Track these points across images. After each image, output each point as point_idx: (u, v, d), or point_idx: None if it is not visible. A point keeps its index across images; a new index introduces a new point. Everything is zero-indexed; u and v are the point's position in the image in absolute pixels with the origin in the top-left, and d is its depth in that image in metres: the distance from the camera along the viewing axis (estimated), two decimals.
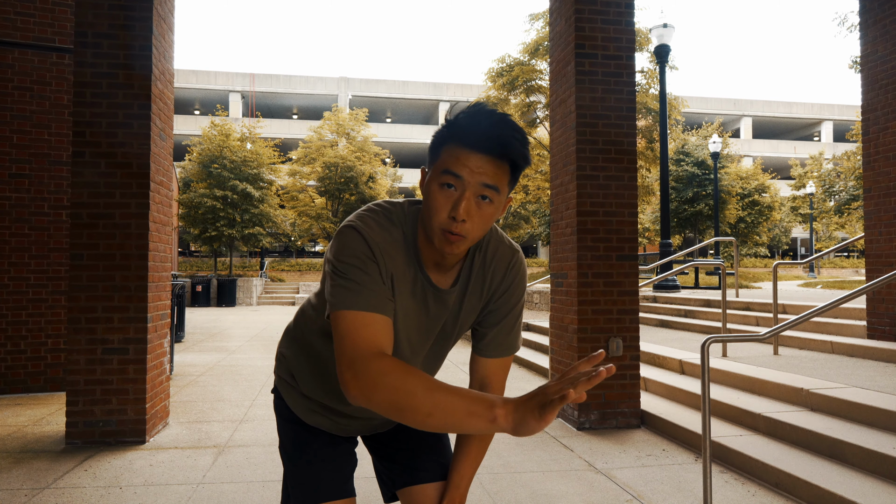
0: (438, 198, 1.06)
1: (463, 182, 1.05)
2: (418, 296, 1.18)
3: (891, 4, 5.28)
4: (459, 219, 1.04)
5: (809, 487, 2.76)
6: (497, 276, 1.25)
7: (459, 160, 1.05)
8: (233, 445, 3.80)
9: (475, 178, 1.05)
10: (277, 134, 34.69)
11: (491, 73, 16.71)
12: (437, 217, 1.06)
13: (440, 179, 1.06)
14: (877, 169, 5.42)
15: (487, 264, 1.24)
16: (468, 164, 1.04)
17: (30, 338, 5.33)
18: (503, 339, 1.29)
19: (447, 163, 1.06)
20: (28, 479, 3.14)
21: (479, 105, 1.09)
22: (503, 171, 1.07)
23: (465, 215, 1.05)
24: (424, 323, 1.22)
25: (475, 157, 1.04)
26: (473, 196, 1.05)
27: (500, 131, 1.05)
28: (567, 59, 4.39)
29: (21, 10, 5.35)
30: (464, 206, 1.04)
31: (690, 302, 8.57)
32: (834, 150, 37.94)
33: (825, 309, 3.51)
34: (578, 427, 4.18)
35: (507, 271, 1.25)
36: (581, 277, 4.21)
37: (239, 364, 7.09)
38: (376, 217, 1.14)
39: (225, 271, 25.29)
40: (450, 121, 1.09)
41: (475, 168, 1.04)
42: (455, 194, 1.05)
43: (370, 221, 1.13)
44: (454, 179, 1.05)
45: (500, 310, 1.27)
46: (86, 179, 3.78)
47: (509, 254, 1.26)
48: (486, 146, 1.04)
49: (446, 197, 1.06)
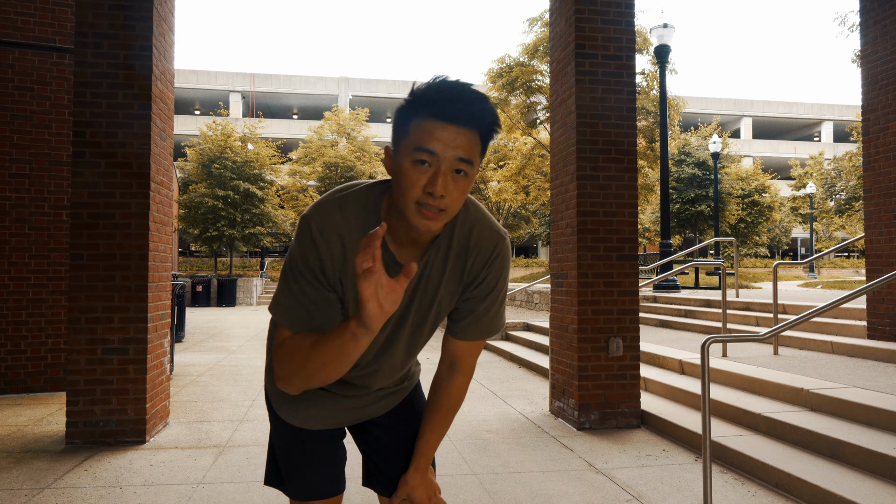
0: (412, 174, 1.03)
1: (438, 158, 1.02)
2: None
3: (891, 4, 5.28)
4: (438, 195, 1.02)
5: (809, 487, 2.76)
6: (479, 261, 1.22)
7: (433, 135, 1.02)
8: (233, 445, 3.80)
9: (450, 153, 1.02)
10: (278, 134, 34.70)
11: (491, 73, 16.71)
12: (411, 192, 1.04)
13: (413, 156, 1.03)
14: (877, 169, 5.42)
15: (471, 248, 1.21)
16: (442, 139, 1.02)
17: (30, 338, 5.33)
18: (481, 324, 1.28)
19: (420, 139, 1.03)
20: (28, 479, 3.14)
21: (443, 77, 1.06)
22: (475, 142, 1.05)
23: (443, 190, 1.02)
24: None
25: (449, 131, 1.02)
26: (449, 171, 1.03)
27: (470, 102, 1.03)
28: (567, 60, 4.40)
29: (21, 10, 5.35)
30: (441, 182, 1.02)
31: (690, 302, 8.57)
32: (834, 150, 37.95)
33: (825, 309, 3.51)
34: (578, 427, 4.18)
35: (490, 258, 1.23)
36: (581, 277, 4.21)
37: (239, 364, 7.10)
38: (332, 202, 1.15)
39: (225, 271, 25.30)
40: (415, 93, 1.06)
41: (449, 142, 1.02)
42: (430, 170, 1.03)
43: (324, 208, 1.13)
44: (428, 156, 1.02)
45: (479, 296, 1.25)
46: (86, 179, 3.78)
47: (494, 240, 1.23)
48: (459, 119, 1.02)
49: (420, 173, 1.03)
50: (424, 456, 1.38)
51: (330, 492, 1.39)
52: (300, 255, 1.12)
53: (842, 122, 42.78)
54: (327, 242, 1.12)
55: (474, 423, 4.37)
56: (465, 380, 1.35)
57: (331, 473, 1.40)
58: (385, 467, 1.44)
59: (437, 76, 1.06)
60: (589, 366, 4.19)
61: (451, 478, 3.22)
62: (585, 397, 4.18)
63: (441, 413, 1.36)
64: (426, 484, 1.39)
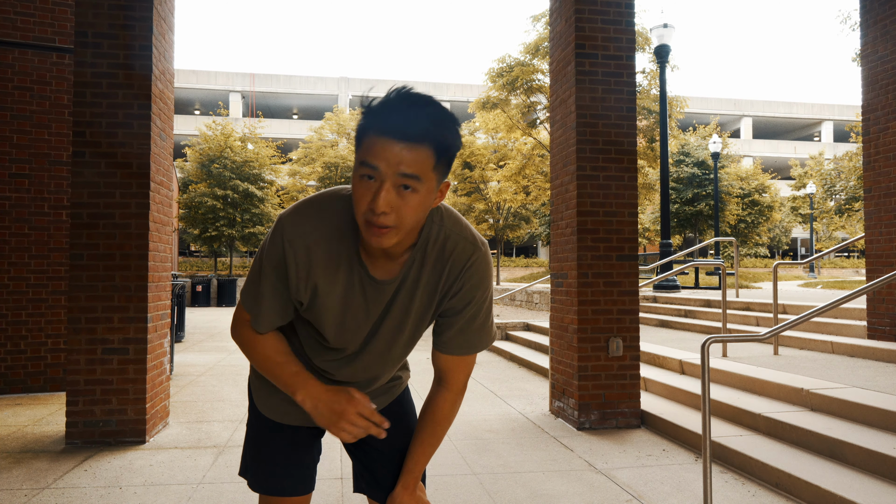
0: (359, 189, 1.04)
1: (380, 173, 1.01)
2: (356, 285, 1.19)
3: (891, 4, 5.28)
4: (379, 210, 1.01)
5: (809, 487, 2.76)
6: (454, 271, 1.21)
7: (374, 150, 1.01)
8: (233, 445, 3.80)
9: (391, 169, 1.01)
10: (278, 134, 34.69)
11: (491, 73, 16.69)
12: (359, 208, 1.04)
13: (359, 171, 1.03)
14: (877, 169, 5.42)
15: (445, 259, 1.20)
16: (383, 154, 1.00)
17: (30, 338, 5.33)
18: (465, 337, 1.26)
19: (364, 153, 1.02)
20: (28, 479, 3.14)
21: (395, 89, 1.04)
22: (423, 156, 1.01)
23: (385, 207, 1.01)
24: (362, 310, 1.22)
25: (390, 146, 1.00)
26: (393, 186, 1.02)
27: (414, 116, 1.00)
28: (567, 59, 4.39)
29: (21, 9, 5.35)
30: (382, 198, 1.01)
31: (690, 302, 8.57)
32: (834, 150, 37.94)
33: (825, 309, 3.51)
34: (578, 427, 4.18)
35: (464, 269, 1.21)
36: (581, 277, 4.21)
37: (239, 364, 7.09)
38: (306, 211, 1.16)
39: (225, 271, 25.29)
40: (365, 106, 1.05)
41: (391, 158, 1.00)
42: (374, 185, 1.02)
43: (298, 217, 1.15)
44: (371, 171, 1.02)
45: (457, 307, 1.23)
46: (86, 179, 3.78)
47: (469, 250, 1.21)
48: (399, 133, 1.00)
49: (366, 188, 1.03)
50: (412, 473, 1.37)
51: (295, 490, 1.38)
52: (269, 252, 1.17)
53: (842, 122, 42.77)
54: (294, 251, 1.14)
55: (474, 423, 4.37)
56: (453, 396, 1.33)
57: (299, 472, 1.40)
58: (375, 472, 1.43)
59: (393, 88, 1.04)
60: (589, 366, 4.19)
61: (451, 478, 3.22)
62: (585, 397, 4.18)
63: (428, 429, 1.34)
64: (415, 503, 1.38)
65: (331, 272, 1.16)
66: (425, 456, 1.36)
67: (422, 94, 1.04)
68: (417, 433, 1.36)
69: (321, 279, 1.16)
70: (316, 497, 2.89)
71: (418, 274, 1.20)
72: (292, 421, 1.38)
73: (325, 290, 1.18)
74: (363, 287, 1.19)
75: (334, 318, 1.21)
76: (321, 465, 2.99)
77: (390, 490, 1.41)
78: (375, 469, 1.43)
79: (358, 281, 1.18)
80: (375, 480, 1.43)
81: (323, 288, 1.17)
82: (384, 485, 1.41)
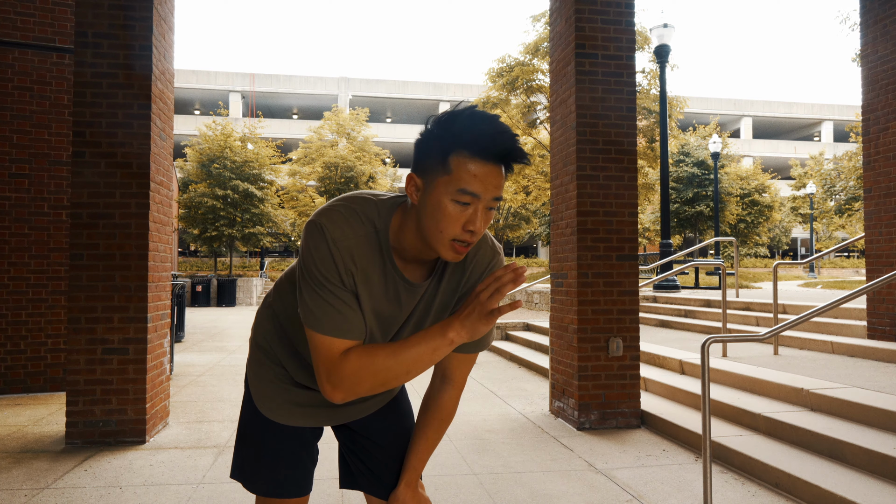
0: (452, 212, 1.07)
1: (479, 199, 1.07)
2: (390, 290, 1.20)
3: (891, 4, 5.28)
4: (479, 234, 1.09)
5: (809, 487, 2.76)
6: (474, 276, 1.27)
7: (477, 178, 1.05)
8: (233, 445, 3.79)
9: (489, 194, 1.07)
10: (277, 134, 34.69)
11: (491, 73, 16.71)
12: (450, 231, 1.08)
13: (456, 197, 1.06)
14: (877, 169, 5.42)
15: (468, 263, 1.26)
16: (484, 181, 1.05)
17: (30, 338, 5.33)
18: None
19: (464, 180, 1.05)
20: (28, 479, 3.14)
21: (472, 109, 1.08)
22: (504, 177, 1.10)
23: (481, 228, 1.09)
24: (397, 314, 1.24)
25: (490, 172, 1.06)
26: (485, 209, 1.09)
27: (506, 140, 1.05)
28: (567, 59, 4.39)
29: (21, 9, 5.35)
30: (481, 221, 1.08)
31: (690, 302, 8.57)
32: (834, 150, 37.93)
33: (825, 309, 3.51)
34: (578, 427, 4.18)
35: (483, 273, 1.27)
36: (581, 277, 4.21)
37: (239, 364, 7.09)
38: (344, 213, 1.14)
39: (225, 271, 25.30)
40: (449, 127, 1.07)
41: (490, 183, 1.06)
42: (469, 209, 1.08)
43: (337, 218, 1.13)
44: (472, 199, 1.06)
45: None
46: (86, 179, 3.78)
47: (489, 255, 1.28)
48: (499, 158, 1.06)
49: (460, 212, 1.07)
50: (415, 470, 1.40)
51: (296, 491, 1.39)
52: (320, 263, 1.11)
53: (842, 122, 42.78)
54: (341, 252, 1.12)
55: (474, 423, 4.37)
56: (456, 392, 1.37)
57: (299, 473, 1.40)
58: (374, 467, 1.44)
59: (466, 108, 1.08)
60: (589, 366, 4.19)
61: (451, 478, 3.22)
62: (585, 397, 4.18)
63: (433, 425, 1.37)
64: (417, 500, 1.40)
65: (367, 274, 1.17)
66: (428, 452, 1.39)
67: (495, 115, 1.09)
68: (420, 430, 1.38)
69: (360, 281, 1.16)
70: (316, 497, 2.89)
71: (442, 276, 1.25)
72: (296, 422, 1.38)
73: (363, 293, 1.17)
74: (397, 290, 1.21)
75: (370, 321, 1.21)
76: (321, 465, 2.99)
77: (392, 487, 1.42)
78: (376, 467, 1.43)
79: (392, 284, 1.20)
80: (377, 478, 1.43)
81: (361, 290, 1.17)
82: (386, 482, 1.42)
